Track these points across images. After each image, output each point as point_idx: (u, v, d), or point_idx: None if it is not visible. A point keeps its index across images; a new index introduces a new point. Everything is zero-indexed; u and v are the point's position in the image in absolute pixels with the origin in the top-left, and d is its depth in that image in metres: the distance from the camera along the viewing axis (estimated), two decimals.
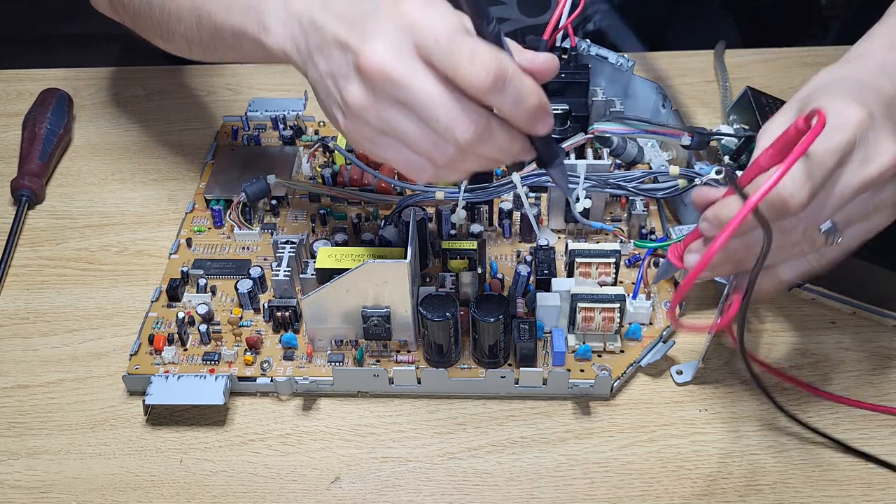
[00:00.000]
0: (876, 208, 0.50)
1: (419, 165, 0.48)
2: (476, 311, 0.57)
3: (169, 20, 0.62)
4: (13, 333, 0.66)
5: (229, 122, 0.81)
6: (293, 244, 0.64)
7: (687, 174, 0.64)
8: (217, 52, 0.61)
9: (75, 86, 0.88)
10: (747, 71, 0.90)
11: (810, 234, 0.49)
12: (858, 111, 0.47)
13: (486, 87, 0.43)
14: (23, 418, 0.60)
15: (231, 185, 0.73)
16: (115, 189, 0.78)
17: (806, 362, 0.62)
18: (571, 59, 0.72)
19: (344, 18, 0.47)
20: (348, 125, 0.48)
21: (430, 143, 0.46)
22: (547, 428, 0.59)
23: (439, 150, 0.46)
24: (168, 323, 0.64)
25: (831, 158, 0.46)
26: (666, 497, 0.55)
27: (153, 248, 0.72)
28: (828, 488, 0.55)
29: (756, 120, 0.69)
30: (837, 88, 0.49)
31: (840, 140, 0.46)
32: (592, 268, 0.62)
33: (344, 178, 0.72)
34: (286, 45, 0.52)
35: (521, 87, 0.44)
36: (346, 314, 0.59)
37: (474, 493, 0.55)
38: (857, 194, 0.48)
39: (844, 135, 0.46)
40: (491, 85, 0.43)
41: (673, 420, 0.59)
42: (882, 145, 0.47)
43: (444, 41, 0.43)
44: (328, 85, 0.48)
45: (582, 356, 0.61)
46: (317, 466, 0.57)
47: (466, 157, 0.47)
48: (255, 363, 0.61)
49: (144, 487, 0.56)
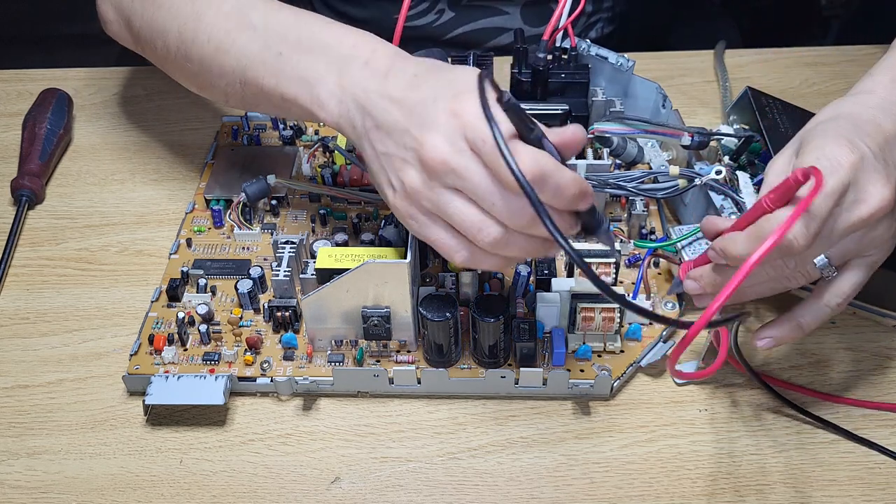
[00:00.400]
0: (871, 245, 0.53)
1: (459, 247, 0.51)
2: (476, 311, 0.57)
3: (209, 75, 0.63)
4: (13, 333, 0.66)
5: (229, 122, 0.81)
6: (293, 244, 0.64)
7: (687, 174, 0.64)
8: (258, 108, 0.63)
9: (75, 86, 0.88)
10: (747, 71, 0.90)
11: (805, 268, 0.52)
12: (849, 154, 0.49)
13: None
14: (23, 418, 0.60)
15: (231, 185, 0.73)
16: (115, 189, 0.78)
17: (806, 362, 0.62)
18: (571, 59, 0.72)
19: (402, 105, 0.51)
20: (398, 203, 0.51)
21: (477, 225, 0.49)
22: (547, 428, 0.59)
23: (484, 233, 0.49)
24: (168, 323, 0.64)
25: (829, 201, 0.49)
26: (666, 497, 0.55)
27: (153, 248, 0.72)
28: (828, 488, 0.55)
29: (756, 120, 0.69)
30: (833, 129, 0.52)
31: (834, 184, 0.49)
32: (593, 268, 0.62)
33: (344, 178, 0.72)
34: (341, 120, 0.55)
35: (560, 181, 0.48)
36: (346, 314, 0.59)
37: (474, 493, 0.55)
38: (849, 232, 0.51)
39: (838, 178, 0.49)
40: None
41: (673, 420, 0.59)
42: (873, 187, 0.50)
43: (491, 143, 0.46)
44: (383, 164, 0.52)
45: (582, 356, 0.61)
46: (317, 466, 0.57)
47: (511, 240, 0.50)
48: (255, 363, 0.61)
49: (144, 487, 0.56)
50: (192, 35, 0.62)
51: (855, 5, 1.37)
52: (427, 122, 0.49)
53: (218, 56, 0.61)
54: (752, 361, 0.62)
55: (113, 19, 0.71)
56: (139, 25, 0.67)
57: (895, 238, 0.54)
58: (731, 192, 0.63)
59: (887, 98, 0.54)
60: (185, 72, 0.65)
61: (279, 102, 0.59)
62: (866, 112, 0.53)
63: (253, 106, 0.63)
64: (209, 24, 0.61)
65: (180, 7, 0.63)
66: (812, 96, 0.86)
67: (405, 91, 0.51)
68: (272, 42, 0.58)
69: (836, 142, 0.50)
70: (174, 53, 0.64)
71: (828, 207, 0.49)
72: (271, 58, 0.58)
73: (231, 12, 0.61)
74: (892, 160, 0.52)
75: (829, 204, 0.49)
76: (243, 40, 0.59)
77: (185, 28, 0.63)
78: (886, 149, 0.52)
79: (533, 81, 0.70)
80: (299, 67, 0.57)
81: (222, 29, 0.61)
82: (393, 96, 0.51)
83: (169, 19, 0.64)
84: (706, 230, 0.55)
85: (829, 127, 0.52)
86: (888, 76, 0.56)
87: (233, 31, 0.60)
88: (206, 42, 0.61)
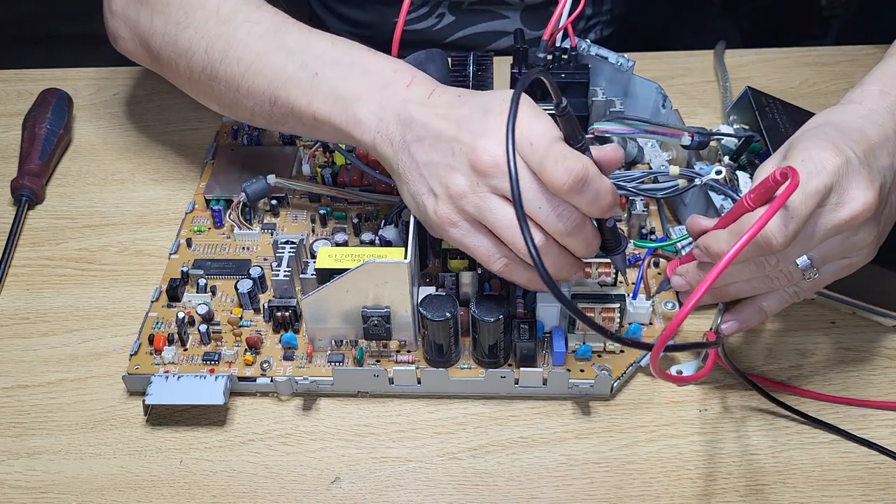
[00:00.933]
0: (853, 248, 0.53)
1: (499, 254, 0.53)
2: (476, 311, 0.57)
3: (236, 94, 0.63)
4: (13, 333, 0.66)
5: (229, 122, 0.81)
6: (293, 244, 0.64)
7: (687, 174, 0.64)
8: (285, 127, 0.64)
9: (75, 86, 0.88)
10: (747, 71, 0.90)
11: (787, 268, 0.54)
12: (833, 158, 0.50)
13: (567, 188, 0.49)
14: (23, 418, 0.60)
15: (231, 185, 0.73)
16: (115, 189, 0.78)
17: (806, 362, 0.62)
18: (571, 59, 0.72)
19: (449, 118, 0.53)
20: (441, 209, 0.53)
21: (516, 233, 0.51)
22: (547, 428, 0.59)
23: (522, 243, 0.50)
24: (168, 323, 0.64)
25: (810, 201, 0.50)
26: (666, 497, 0.55)
27: (153, 248, 0.72)
28: (828, 488, 0.55)
29: (756, 120, 0.69)
30: (820, 135, 0.53)
31: (817, 185, 0.50)
32: (592, 268, 0.62)
33: (344, 178, 0.72)
34: (377, 137, 0.56)
35: (600, 188, 0.50)
36: (346, 314, 0.59)
37: (474, 493, 0.55)
38: (831, 234, 0.52)
39: (821, 180, 0.50)
40: (572, 185, 0.49)
41: (673, 420, 0.59)
42: (855, 191, 0.51)
43: (538, 147, 0.49)
44: (423, 173, 0.54)
45: (582, 356, 0.61)
46: (317, 466, 0.57)
47: (549, 250, 0.52)
48: (255, 363, 0.61)
49: (144, 487, 0.56)
50: (220, 55, 0.63)
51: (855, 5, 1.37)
52: (478, 130, 0.51)
53: (248, 76, 0.61)
54: (752, 361, 0.62)
55: (125, 36, 0.71)
56: (160, 44, 0.67)
57: (877, 242, 0.54)
58: (731, 192, 0.63)
59: (874, 108, 0.56)
60: (210, 91, 0.65)
61: (310, 122, 0.60)
62: (854, 121, 0.54)
63: (279, 125, 0.63)
64: (240, 44, 0.62)
65: (209, 28, 0.63)
66: (812, 96, 0.86)
67: (450, 108, 0.54)
68: (309, 63, 0.59)
69: (821, 146, 0.51)
70: (198, 73, 0.65)
71: (808, 208, 0.50)
72: (307, 78, 0.59)
73: (264, 35, 0.62)
74: (877, 167, 0.53)
75: (811, 205, 0.50)
76: (277, 61, 0.60)
77: (212, 48, 0.63)
78: (871, 156, 0.53)
79: (533, 81, 0.70)
80: (336, 87, 0.58)
81: (254, 51, 0.61)
82: (439, 112, 0.54)
83: (196, 39, 0.64)
84: (691, 229, 0.57)
85: (816, 133, 0.53)
86: (877, 87, 0.57)
87: (266, 53, 0.61)
88: (235, 62, 0.62)
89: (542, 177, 0.49)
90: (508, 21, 0.95)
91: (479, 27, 0.95)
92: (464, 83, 0.69)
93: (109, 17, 0.71)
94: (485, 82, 0.69)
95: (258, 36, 0.62)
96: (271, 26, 0.62)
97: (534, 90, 0.70)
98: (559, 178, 0.49)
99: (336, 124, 0.58)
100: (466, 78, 0.70)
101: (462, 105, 0.54)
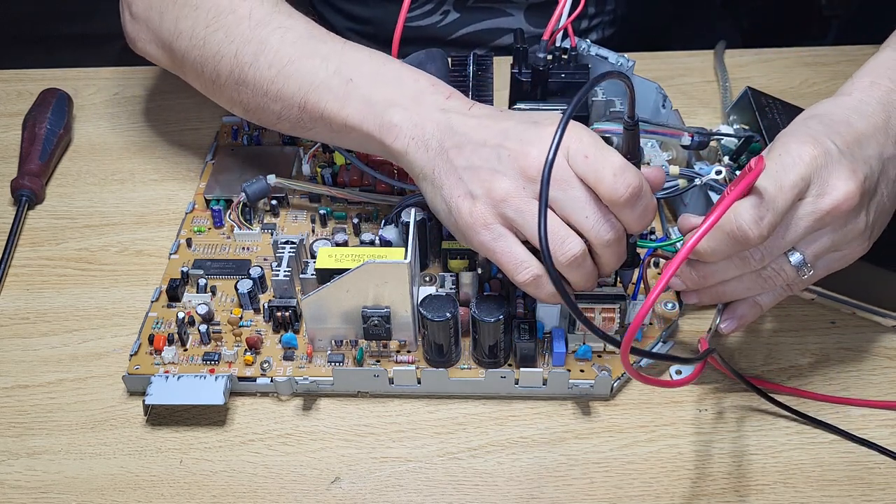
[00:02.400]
0: (843, 240, 0.53)
1: (530, 263, 0.52)
2: (476, 311, 0.57)
3: (264, 98, 0.63)
4: (13, 333, 0.66)
5: (229, 122, 0.81)
6: (293, 244, 0.64)
7: (687, 174, 0.64)
8: (311, 132, 0.63)
9: (75, 86, 0.88)
10: (747, 71, 0.90)
11: (778, 265, 0.54)
12: (811, 150, 0.51)
13: (623, 200, 0.50)
14: (23, 418, 0.60)
15: (231, 185, 0.73)
16: (115, 189, 0.78)
17: (806, 362, 0.62)
18: (571, 59, 0.72)
19: (492, 129, 0.54)
20: (478, 209, 0.53)
21: (561, 237, 0.51)
22: (547, 428, 0.59)
23: (567, 245, 0.51)
24: (168, 323, 0.64)
25: (787, 194, 0.50)
26: (666, 497, 0.55)
27: (153, 248, 0.72)
28: (828, 488, 0.55)
29: (756, 120, 0.69)
30: (801, 128, 0.53)
31: (793, 177, 0.50)
32: None
33: (344, 178, 0.72)
34: (411, 143, 0.56)
35: (649, 205, 0.52)
36: (346, 314, 0.59)
37: (474, 493, 0.55)
38: (816, 227, 0.52)
39: (797, 171, 0.50)
40: (629, 198, 0.50)
41: (673, 420, 0.59)
42: (836, 181, 0.51)
43: (593, 159, 0.50)
44: (463, 177, 0.53)
45: (582, 356, 0.61)
46: (317, 466, 0.57)
47: (584, 262, 0.52)
48: (255, 363, 0.61)
49: (144, 487, 0.56)
50: (250, 59, 0.62)
51: (855, 5, 1.37)
52: (527, 139, 0.52)
53: (278, 80, 0.61)
54: (751, 362, 0.62)
55: (145, 38, 0.70)
56: (185, 47, 0.66)
57: (868, 233, 0.54)
58: None
59: (863, 99, 0.56)
60: (236, 95, 0.65)
61: (339, 127, 0.60)
62: (841, 112, 0.55)
63: (305, 131, 0.63)
64: (273, 50, 0.62)
65: (240, 31, 0.63)
66: (812, 96, 0.86)
67: (492, 120, 0.54)
68: (343, 69, 0.60)
69: (800, 139, 0.52)
70: (225, 77, 0.64)
71: (785, 201, 0.50)
72: (340, 84, 0.59)
73: (297, 41, 0.62)
74: (862, 157, 0.53)
75: (788, 198, 0.50)
76: (310, 66, 0.60)
77: (242, 52, 0.63)
78: (856, 146, 0.53)
79: (533, 81, 0.70)
80: (371, 94, 0.58)
81: (286, 55, 0.61)
82: (481, 122, 0.54)
83: (225, 43, 0.64)
84: (681, 227, 0.57)
85: (798, 128, 0.54)
86: (868, 79, 0.57)
87: (299, 59, 0.61)
88: (266, 67, 0.62)
89: (599, 188, 0.50)
90: (512, 18, 0.95)
91: (483, 24, 0.95)
92: (464, 83, 0.69)
93: (129, 19, 0.71)
94: (485, 82, 0.69)
95: (291, 42, 0.62)
96: (304, 33, 0.62)
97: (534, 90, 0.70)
98: (617, 189, 0.49)
99: (367, 130, 0.58)
100: (466, 78, 0.70)
101: (507, 118, 0.54)
